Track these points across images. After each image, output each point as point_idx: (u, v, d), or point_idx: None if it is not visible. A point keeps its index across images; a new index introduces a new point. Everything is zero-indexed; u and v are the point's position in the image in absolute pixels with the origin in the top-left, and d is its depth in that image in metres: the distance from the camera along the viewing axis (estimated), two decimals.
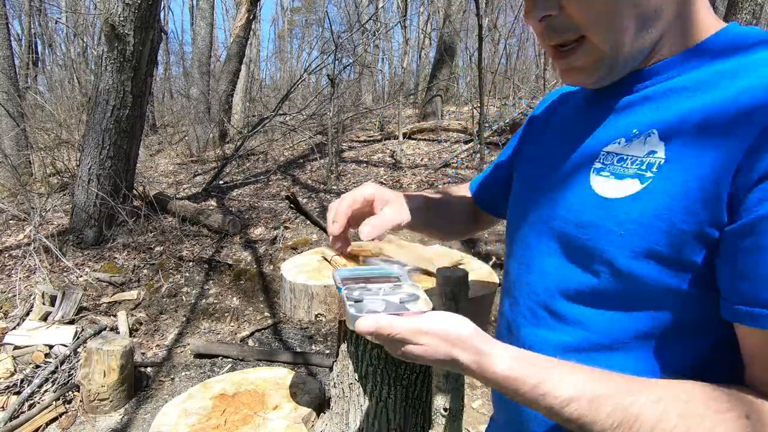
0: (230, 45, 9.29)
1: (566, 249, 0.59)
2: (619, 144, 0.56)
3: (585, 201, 0.57)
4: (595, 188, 0.56)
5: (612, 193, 0.54)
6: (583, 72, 0.57)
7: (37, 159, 6.75)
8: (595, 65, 0.55)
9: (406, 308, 0.53)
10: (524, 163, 0.76)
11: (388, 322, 0.50)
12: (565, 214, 0.59)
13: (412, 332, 0.50)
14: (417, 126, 7.88)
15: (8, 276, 3.73)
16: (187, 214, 4.93)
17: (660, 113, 0.54)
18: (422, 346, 0.50)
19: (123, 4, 3.82)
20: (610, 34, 0.52)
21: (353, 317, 0.52)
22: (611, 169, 0.55)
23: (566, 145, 0.65)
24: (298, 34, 27.08)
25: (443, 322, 0.51)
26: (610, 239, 0.52)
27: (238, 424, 1.38)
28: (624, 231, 0.51)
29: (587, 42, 0.54)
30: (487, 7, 11.35)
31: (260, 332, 3.34)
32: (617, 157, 0.55)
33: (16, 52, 10.02)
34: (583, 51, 0.55)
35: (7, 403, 2.43)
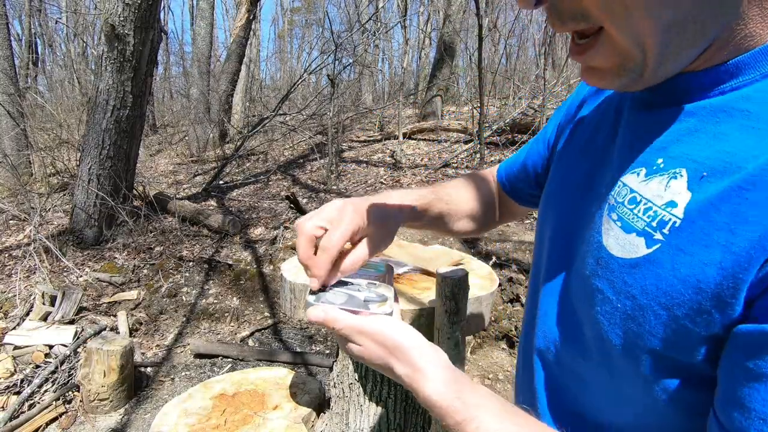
0: (230, 45, 9.29)
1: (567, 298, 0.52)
2: (638, 176, 0.44)
3: (593, 251, 0.46)
4: (603, 236, 0.45)
5: (616, 249, 0.43)
6: (603, 75, 0.43)
7: (37, 159, 6.75)
8: (616, 68, 0.41)
9: (367, 307, 0.51)
10: (558, 161, 0.64)
11: (335, 316, 0.50)
12: (577, 262, 0.50)
13: (354, 330, 0.49)
14: (417, 126, 7.88)
15: (8, 276, 3.73)
16: (187, 214, 4.93)
17: (698, 145, 0.40)
18: (360, 347, 0.49)
19: (123, 4, 3.82)
20: (630, 26, 0.37)
21: (307, 304, 0.52)
22: (621, 211, 0.44)
23: (592, 157, 0.54)
24: (298, 34, 27.09)
25: (385, 328, 0.48)
26: (606, 309, 0.43)
27: (238, 424, 1.38)
28: (620, 304, 0.41)
29: (605, 36, 0.39)
30: (487, 7, 11.35)
31: (260, 332, 3.34)
32: (631, 195, 0.43)
33: (16, 52, 10.02)
34: (601, 47, 0.40)
35: (7, 403, 2.43)
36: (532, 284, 0.63)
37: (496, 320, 3.06)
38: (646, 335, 0.39)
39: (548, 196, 0.63)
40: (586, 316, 0.46)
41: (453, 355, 1.02)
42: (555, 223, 0.58)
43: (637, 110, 0.48)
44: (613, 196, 0.45)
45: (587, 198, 0.51)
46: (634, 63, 0.40)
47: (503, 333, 3.01)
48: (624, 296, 0.41)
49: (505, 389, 2.62)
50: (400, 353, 0.47)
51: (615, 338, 0.42)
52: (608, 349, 0.43)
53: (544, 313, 0.56)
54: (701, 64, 0.41)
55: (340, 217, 0.55)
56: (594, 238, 0.46)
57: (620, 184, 0.45)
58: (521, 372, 0.64)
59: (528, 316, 0.63)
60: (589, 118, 0.60)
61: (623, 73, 0.41)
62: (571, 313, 0.51)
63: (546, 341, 0.55)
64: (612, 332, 0.42)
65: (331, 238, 0.53)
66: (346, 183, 6.14)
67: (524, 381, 0.61)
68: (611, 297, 0.42)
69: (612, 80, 0.43)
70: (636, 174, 0.44)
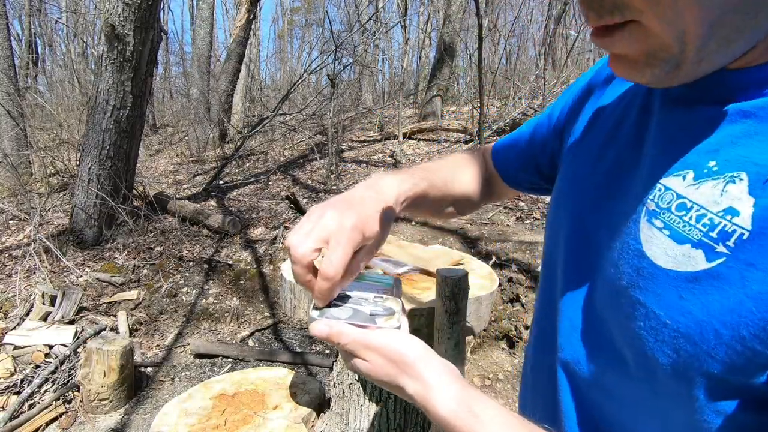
0: (230, 45, 9.29)
1: (592, 306, 0.48)
2: (684, 179, 0.40)
3: (630, 259, 0.42)
4: (644, 244, 0.40)
5: (664, 259, 0.38)
6: (633, 65, 0.38)
7: (37, 159, 6.75)
8: (645, 57, 0.37)
9: (374, 321, 0.49)
10: (572, 156, 0.59)
11: (340, 329, 0.47)
12: (605, 269, 0.45)
13: (360, 344, 0.46)
14: (417, 126, 7.88)
15: (8, 276, 3.73)
16: (187, 214, 4.93)
17: (758, 147, 0.36)
18: (367, 363, 0.46)
19: (123, 4, 3.82)
20: (673, 15, 0.33)
21: (310, 319, 0.50)
22: (668, 218, 0.39)
23: (614, 155, 0.50)
24: (298, 34, 27.08)
25: (394, 342, 0.46)
26: (651, 325, 0.39)
27: (238, 424, 1.38)
28: (670, 320, 0.37)
29: (637, 27, 0.35)
30: (487, 7, 11.35)
31: (260, 332, 3.34)
32: (678, 201, 0.39)
33: (16, 52, 10.02)
34: (630, 34, 0.36)
35: (7, 403, 2.43)
36: (547, 290, 0.59)
37: (496, 320, 3.06)
38: (704, 356, 0.35)
39: (561, 195, 0.58)
40: (623, 329, 0.42)
41: (453, 355, 1.02)
42: (571, 225, 0.54)
43: (672, 107, 0.44)
44: (652, 201, 0.41)
45: (612, 199, 0.47)
46: (668, 54, 0.35)
47: (503, 333, 3.01)
48: (677, 312, 0.37)
49: (504, 389, 2.62)
50: (409, 368, 0.45)
51: (662, 357, 0.38)
52: (653, 367, 0.39)
53: (569, 323, 0.51)
54: (752, 61, 0.37)
55: (338, 237, 0.48)
56: (630, 245, 0.42)
57: (660, 187, 0.41)
58: (537, 385, 0.59)
59: (544, 324, 0.58)
60: (608, 111, 0.54)
61: (655, 63, 0.37)
62: (599, 325, 0.46)
63: (574, 354, 0.50)
64: (659, 350, 0.38)
65: (332, 264, 0.47)
66: (346, 183, 6.14)
67: (544, 395, 0.56)
68: (658, 312, 0.38)
69: (643, 71, 0.38)
70: (681, 177, 0.40)
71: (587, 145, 0.55)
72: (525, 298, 3.14)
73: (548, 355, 0.55)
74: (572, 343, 0.50)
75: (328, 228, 0.49)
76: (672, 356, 0.37)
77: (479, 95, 5.28)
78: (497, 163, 0.77)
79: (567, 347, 0.51)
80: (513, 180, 0.76)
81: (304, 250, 0.48)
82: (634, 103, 0.50)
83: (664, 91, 0.45)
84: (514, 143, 0.75)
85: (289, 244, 0.50)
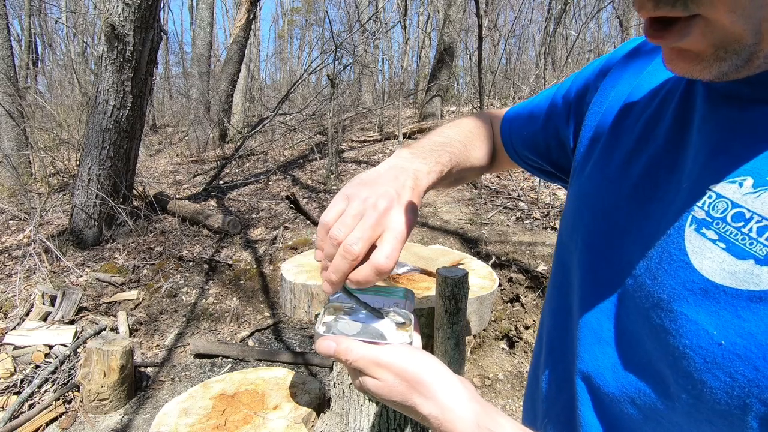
0: (230, 45, 9.30)
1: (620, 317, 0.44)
2: (741, 186, 0.36)
3: (674, 271, 0.38)
4: (692, 256, 0.37)
5: (721, 276, 0.35)
6: (698, 61, 0.35)
7: (37, 159, 6.76)
8: (714, 50, 0.34)
9: (384, 337, 0.47)
10: (597, 154, 0.54)
11: (347, 346, 0.44)
12: (639, 278, 0.41)
13: (370, 362, 0.43)
14: (417, 126, 7.88)
15: (8, 276, 3.73)
16: (187, 214, 4.93)
17: None
18: (377, 381, 0.43)
19: (123, 4, 3.82)
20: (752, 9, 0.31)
21: (316, 335, 0.47)
22: (723, 230, 0.36)
23: (648, 156, 0.46)
24: (298, 34, 27.09)
25: (406, 359, 0.44)
26: (701, 344, 0.35)
27: (238, 424, 1.38)
28: (726, 341, 0.34)
29: (702, 21, 0.33)
30: (487, 7, 11.35)
31: (260, 332, 3.34)
32: (734, 211, 0.36)
33: (16, 52, 10.02)
34: (695, 28, 0.33)
35: (7, 403, 2.43)
36: (560, 296, 0.55)
37: (496, 320, 3.06)
38: (765, 382, 0.32)
39: (583, 195, 0.53)
40: (662, 345, 0.39)
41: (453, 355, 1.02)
42: (595, 228, 0.50)
43: (722, 105, 0.40)
44: (701, 209, 0.37)
45: (647, 204, 0.44)
46: (741, 46, 0.33)
47: (503, 333, 3.01)
48: (734, 333, 0.33)
49: (504, 389, 2.62)
50: (423, 388, 0.42)
51: (712, 380, 0.35)
52: (698, 390, 0.36)
53: (591, 332, 0.47)
54: None
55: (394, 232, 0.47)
56: (673, 255, 0.38)
57: (711, 194, 0.37)
58: (550, 394, 0.56)
59: (559, 332, 0.55)
60: (639, 108, 0.50)
61: (725, 57, 0.33)
62: (629, 338, 0.43)
63: (597, 366, 0.46)
64: (708, 372, 0.35)
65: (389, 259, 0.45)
66: (346, 183, 6.14)
67: (559, 406, 0.53)
68: (711, 331, 0.35)
69: (710, 66, 0.35)
70: (737, 184, 0.36)
71: (616, 144, 0.51)
72: (525, 298, 3.14)
73: (564, 365, 0.52)
74: (595, 354, 0.47)
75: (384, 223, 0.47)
76: (725, 380, 0.34)
77: (479, 95, 5.28)
78: (504, 135, 0.73)
79: (588, 358, 0.47)
80: (517, 155, 0.73)
81: (360, 248, 0.45)
82: (671, 99, 0.46)
83: (710, 87, 0.41)
84: (527, 118, 0.70)
85: (339, 237, 0.46)
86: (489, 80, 8.51)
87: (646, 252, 0.41)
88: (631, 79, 0.53)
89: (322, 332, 0.47)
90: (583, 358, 0.48)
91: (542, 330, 0.61)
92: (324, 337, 0.46)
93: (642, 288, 0.41)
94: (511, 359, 2.86)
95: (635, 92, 0.52)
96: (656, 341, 0.39)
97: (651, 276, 0.40)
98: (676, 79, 0.48)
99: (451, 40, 8.50)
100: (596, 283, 0.48)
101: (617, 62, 0.56)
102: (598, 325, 0.46)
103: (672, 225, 0.39)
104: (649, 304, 0.40)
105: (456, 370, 1.37)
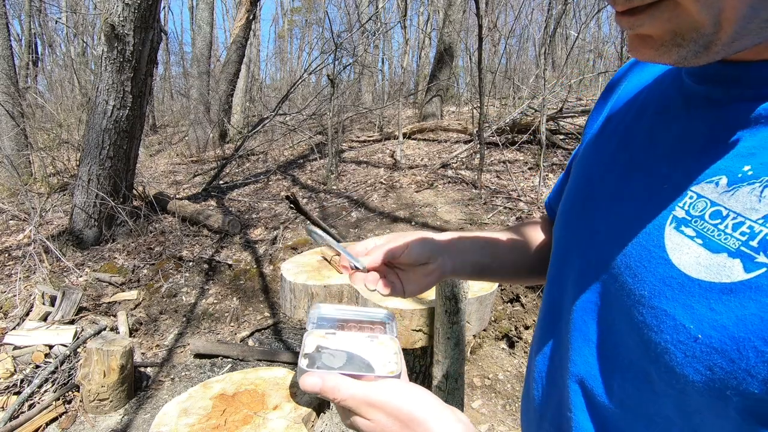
0: (230, 45, 9.30)
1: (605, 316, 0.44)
2: (717, 186, 0.37)
3: (653, 268, 0.39)
4: (670, 252, 0.38)
5: (696, 270, 0.36)
6: (658, 45, 0.36)
7: (37, 159, 6.76)
8: (672, 36, 0.35)
9: (371, 369, 0.45)
10: (583, 163, 0.56)
11: (334, 384, 0.42)
12: (620, 276, 0.42)
13: (360, 402, 0.42)
14: (417, 126, 7.89)
15: (8, 276, 3.73)
16: (186, 214, 4.93)
17: None
18: (369, 422, 0.42)
19: (123, 4, 3.82)
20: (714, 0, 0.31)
21: (300, 371, 0.44)
22: (700, 227, 0.37)
23: (628, 159, 0.47)
24: (298, 34, 27.09)
25: (397, 396, 0.42)
26: (680, 339, 0.36)
27: (238, 424, 1.37)
28: (702, 335, 0.35)
29: (670, 4, 0.33)
30: (487, 7, 11.35)
31: (260, 332, 3.34)
32: (712, 209, 0.37)
33: (16, 52, 10.03)
34: (659, 12, 0.34)
35: (7, 403, 2.43)
36: (553, 299, 0.55)
37: (496, 320, 3.06)
38: (742, 374, 0.32)
39: (570, 203, 0.55)
40: (645, 342, 0.39)
41: (453, 355, 1.02)
42: (582, 231, 0.50)
43: (696, 107, 0.41)
44: (682, 208, 0.39)
45: (624, 204, 0.45)
46: (699, 34, 0.33)
47: (503, 333, 3.01)
48: (709, 326, 0.34)
49: (504, 389, 2.62)
50: (418, 426, 0.41)
51: (693, 374, 0.35)
52: (682, 384, 0.36)
53: (580, 334, 0.48)
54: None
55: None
56: (653, 252, 0.39)
57: (691, 194, 0.38)
58: (544, 396, 0.56)
59: (551, 334, 0.55)
60: (620, 114, 0.52)
61: (684, 44, 0.34)
62: (616, 337, 0.44)
63: (588, 367, 0.47)
64: (689, 366, 0.35)
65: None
66: (345, 183, 6.14)
67: (553, 408, 0.54)
68: (688, 325, 0.35)
69: (669, 51, 0.35)
70: (713, 183, 0.37)
71: (599, 150, 0.53)
72: (525, 298, 3.14)
73: (557, 367, 0.52)
74: (585, 356, 0.47)
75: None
76: (705, 373, 0.34)
77: (479, 95, 5.28)
78: (547, 204, 0.73)
79: (579, 360, 0.48)
80: None
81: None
82: (648, 103, 0.48)
83: (685, 91, 0.43)
84: (557, 188, 0.71)
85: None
86: (489, 80, 8.51)
87: (626, 251, 0.42)
88: (614, 90, 0.56)
89: (305, 366, 0.45)
90: (575, 361, 0.48)
91: (536, 332, 0.61)
92: (309, 373, 0.43)
93: (623, 286, 0.41)
94: (511, 359, 2.86)
95: (617, 101, 0.54)
96: (638, 338, 0.40)
97: (631, 274, 0.41)
98: (651, 88, 0.49)
99: (451, 40, 8.50)
100: (581, 283, 0.48)
101: (616, 79, 0.59)
102: (587, 326, 0.47)
103: (652, 224, 0.40)
104: (630, 301, 0.40)
105: (456, 370, 1.36)
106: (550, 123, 6.05)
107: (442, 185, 5.52)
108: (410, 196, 5.30)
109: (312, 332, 0.51)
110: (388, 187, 5.67)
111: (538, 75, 7.78)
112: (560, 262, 0.55)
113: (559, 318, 0.52)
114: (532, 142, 6.18)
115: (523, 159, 6.05)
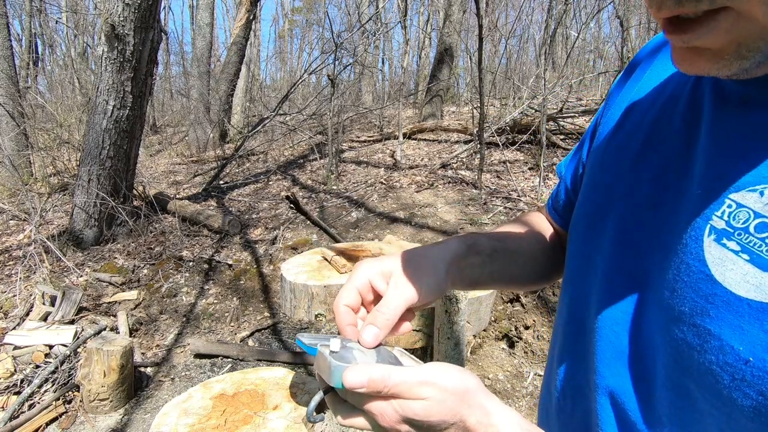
0: (230, 45, 9.30)
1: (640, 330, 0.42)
2: (762, 195, 0.34)
3: (694, 284, 0.36)
4: (712, 268, 0.35)
5: (746, 289, 0.33)
6: (717, 59, 0.33)
7: (37, 159, 6.76)
8: (740, 50, 0.32)
9: (399, 361, 0.45)
10: (603, 159, 0.52)
11: (382, 374, 0.40)
12: (657, 290, 0.40)
13: (412, 384, 0.41)
14: (417, 126, 7.88)
15: (8, 276, 3.73)
16: (186, 214, 4.93)
17: None
18: (424, 401, 0.41)
19: (123, 4, 3.82)
20: None
21: (337, 368, 0.41)
22: (744, 240, 0.34)
23: (665, 156, 0.43)
24: (299, 34, 27.10)
25: (446, 371, 0.42)
26: (728, 360, 0.33)
27: (238, 424, 1.37)
28: (754, 357, 0.32)
29: (730, 14, 0.30)
30: (488, 7, 11.35)
31: (260, 332, 3.34)
32: (757, 221, 0.34)
33: (16, 52, 10.02)
34: (718, 23, 0.31)
35: (7, 403, 2.43)
36: (575, 308, 0.53)
37: (496, 320, 3.07)
38: None
39: (593, 205, 0.51)
40: (686, 360, 0.37)
41: (453, 355, 1.02)
42: (613, 238, 0.47)
43: (731, 108, 0.38)
44: (720, 218, 0.36)
45: (660, 212, 0.42)
46: (766, 42, 0.30)
47: (503, 333, 3.01)
48: (762, 348, 0.32)
49: (504, 389, 2.62)
50: (471, 397, 0.41)
51: (742, 398, 0.33)
52: (729, 408, 0.34)
53: (610, 346, 0.45)
54: None
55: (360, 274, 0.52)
56: (692, 266, 0.36)
57: (730, 203, 0.35)
58: (565, 409, 0.54)
59: (574, 345, 0.52)
60: (642, 109, 0.48)
61: (749, 55, 0.31)
62: (652, 352, 0.41)
63: (619, 381, 0.44)
64: (737, 390, 0.33)
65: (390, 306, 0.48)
66: (345, 183, 6.14)
67: (577, 421, 0.52)
68: (737, 347, 0.33)
69: (730, 64, 0.32)
70: (757, 192, 0.34)
71: (621, 148, 0.49)
72: (525, 298, 3.14)
73: (581, 380, 0.50)
74: (616, 369, 0.45)
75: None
76: (756, 398, 0.32)
77: (479, 95, 5.28)
78: (551, 212, 0.70)
79: (608, 373, 0.46)
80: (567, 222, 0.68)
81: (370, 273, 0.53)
82: (677, 99, 0.45)
83: (717, 90, 0.39)
84: (559, 187, 0.69)
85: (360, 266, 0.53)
86: (489, 80, 8.52)
87: (663, 263, 0.40)
88: (634, 82, 0.52)
89: (339, 363, 0.42)
90: (602, 373, 0.46)
91: (555, 342, 0.59)
92: (349, 368, 0.41)
93: (660, 301, 0.39)
94: (511, 359, 2.86)
95: (636, 92, 0.51)
96: (678, 355, 0.37)
97: (669, 288, 0.38)
98: (678, 80, 0.46)
99: (451, 41, 8.50)
100: (612, 294, 0.46)
101: (621, 76, 0.56)
102: (618, 339, 0.45)
103: (688, 234, 0.37)
104: (670, 317, 0.38)
105: None
106: (550, 123, 6.05)
107: (442, 185, 5.52)
108: (410, 196, 5.30)
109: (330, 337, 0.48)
110: (387, 187, 5.67)
111: (539, 75, 7.78)
112: (581, 269, 0.52)
113: (582, 327, 0.50)
114: (532, 142, 6.18)
115: (523, 159, 6.06)
